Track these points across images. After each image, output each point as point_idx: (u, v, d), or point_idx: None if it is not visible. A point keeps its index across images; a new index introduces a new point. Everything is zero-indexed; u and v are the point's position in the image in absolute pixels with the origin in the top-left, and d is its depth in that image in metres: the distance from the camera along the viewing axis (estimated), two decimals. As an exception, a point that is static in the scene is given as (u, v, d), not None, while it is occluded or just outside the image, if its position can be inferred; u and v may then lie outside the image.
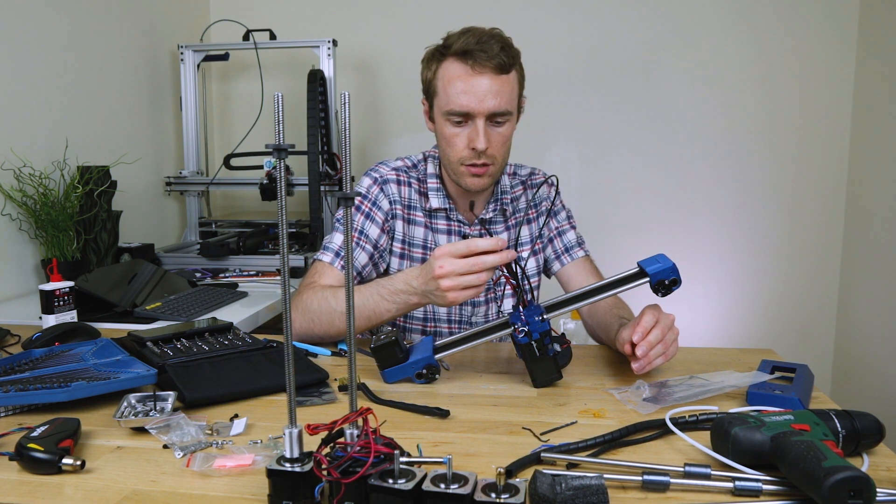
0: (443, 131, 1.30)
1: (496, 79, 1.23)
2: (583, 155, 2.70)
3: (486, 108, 1.24)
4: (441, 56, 1.28)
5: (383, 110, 2.77)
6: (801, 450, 0.69)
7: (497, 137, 1.28)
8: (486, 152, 1.26)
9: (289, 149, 0.67)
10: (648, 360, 1.02)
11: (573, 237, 1.47)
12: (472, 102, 1.23)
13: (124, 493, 0.72)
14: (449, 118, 1.27)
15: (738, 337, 2.68)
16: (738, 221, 2.65)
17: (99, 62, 2.12)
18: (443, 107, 1.27)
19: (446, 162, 1.34)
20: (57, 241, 1.75)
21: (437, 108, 1.30)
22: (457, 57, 1.24)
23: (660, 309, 1.08)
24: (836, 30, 2.50)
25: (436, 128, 1.33)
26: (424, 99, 1.35)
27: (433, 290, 1.08)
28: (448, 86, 1.25)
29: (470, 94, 1.23)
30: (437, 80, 1.28)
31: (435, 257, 1.06)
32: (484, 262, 1.03)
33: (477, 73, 1.23)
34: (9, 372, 1.02)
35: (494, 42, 1.23)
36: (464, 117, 1.26)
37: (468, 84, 1.23)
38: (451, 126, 1.28)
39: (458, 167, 1.30)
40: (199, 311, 1.56)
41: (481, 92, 1.23)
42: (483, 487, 0.63)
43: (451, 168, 1.33)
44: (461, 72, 1.24)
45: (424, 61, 1.32)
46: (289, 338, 0.68)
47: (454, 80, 1.24)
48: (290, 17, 2.74)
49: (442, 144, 1.32)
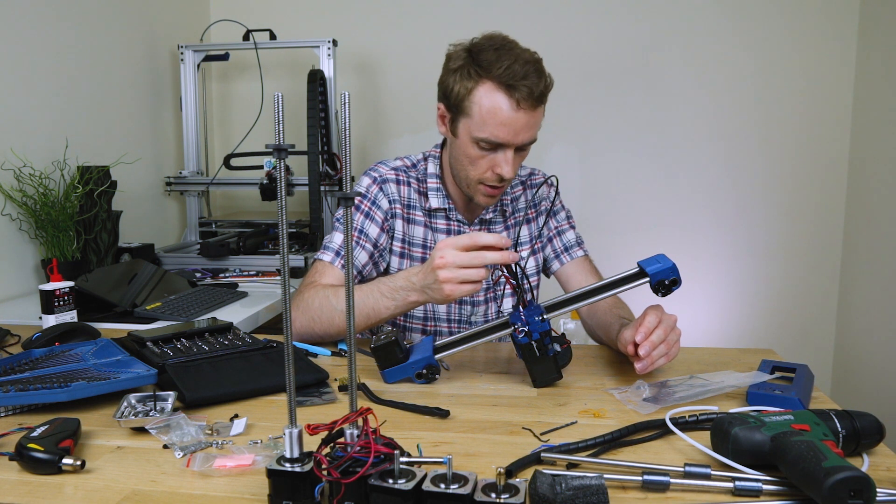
0: (467, 151, 1.27)
1: (533, 113, 1.22)
2: (583, 155, 2.70)
3: (520, 141, 1.24)
4: (478, 76, 1.22)
5: (383, 110, 2.77)
6: (801, 450, 0.69)
7: (518, 162, 1.28)
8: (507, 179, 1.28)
9: (289, 149, 0.67)
10: (651, 361, 1.02)
11: (572, 237, 1.47)
12: (507, 136, 1.22)
13: (124, 493, 0.72)
14: (478, 142, 1.25)
15: (738, 337, 2.68)
16: (739, 221, 2.65)
17: (99, 62, 2.12)
18: (474, 131, 1.24)
19: (462, 176, 1.32)
20: (57, 241, 1.75)
21: (466, 128, 1.26)
22: (498, 86, 1.20)
23: (662, 309, 1.08)
24: (836, 30, 2.50)
25: (457, 143, 1.30)
26: (444, 106, 1.30)
27: (431, 283, 1.08)
28: (486, 115, 1.22)
29: (508, 127, 1.21)
30: (473, 103, 1.23)
31: (437, 248, 1.06)
32: (484, 258, 1.03)
33: (519, 108, 1.20)
34: (9, 372, 1.02)
35: (536, 75, 1.20)
36: (494, 146, 1.25)
37: (508, 118, 1.21)
38: (477, 149, 1.26)
39: (476, 185, 1.30)
40: (199, 311, 1.56)
41: (519, 126, 1.22)
42: (483, 487, 0.63)
43: (465, 182, 1.32)
44: (502, 105, 1.20)
45: (454, 73, 1.25)
46: (289, 338, 0.68)
47: (494, 112, 1.21)
48: (290, 17, 2.74)
49: (462, 161, 1.30)
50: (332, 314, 1.22)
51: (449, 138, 1.34)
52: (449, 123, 1.31)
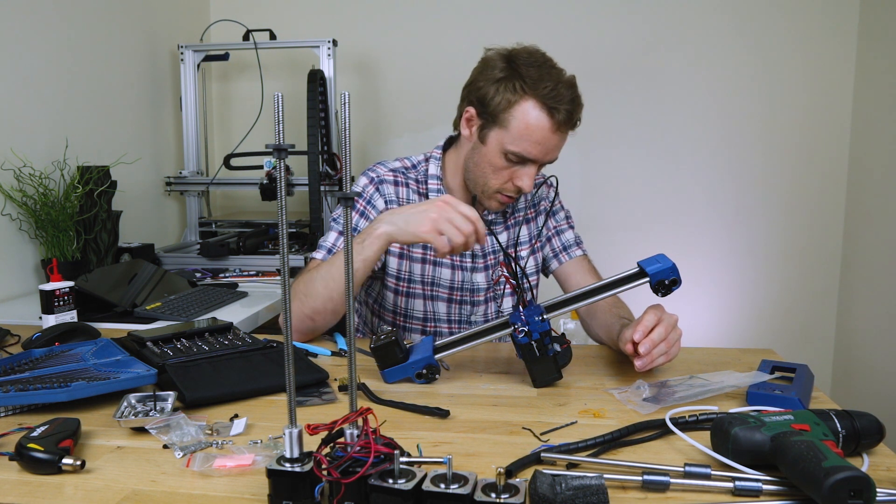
0: (493, 160, 1.29)
1: (565, 135, 1.27)
2: (583, 154, 2.70)
3: (547, 160, 1.29)
4: (523, 91, 1.23)
5: (383, 110, 2.77)
6: (801, 450, 0.69)
7: (535, 174, 1.30)
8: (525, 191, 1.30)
9: (289, 149, 0.67)
10: (651, 358, 1.02)
11: (571, 236, 1.47)
12: (539, 154, 1.26)
13: (124, 493, 0.72)
14: (506, 154, 1.27)
15: (738, 337, 2.68)
16: (739, 221, 2.65)
17: (99, 62, 2.12)
18: (507, 144, 1.25)
19: (481, 182, 1.32)
20: (57, 241, 1.75)
21: (498, 139, 1.27)
22: (542, 106, 1.22)
23: (663, 309, 1.09)
24: (836, 30, 2.50)
25: (483, 150, 1.30)
26: (475, 111, 1.30)
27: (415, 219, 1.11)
28: (525, 131, 1.24)
29: (541, 146, 1.25)
30: (513, 117, 1.24)
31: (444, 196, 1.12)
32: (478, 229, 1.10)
33: (556, 131, 1.24)
34: (9, 372, 1.02)
35: (576, 101, 1.25)
36: (522, 160, 1.27)
37: (545, 137, 1.24)
38: (504, 160, 1.28)
39: (493, 193, 1.32)
40: (199, 311, 1.56)
41: (551, 146, 1.26)
42: (483, 487, 0.63)
43: (482, 189, 1.33)
44: (545, 125, 1.23)
45: (496, 82, 1.25)
46: (289, 338, 0.68)
47: (534, 130, 1.23)
48: (290, 17, 2.74)
49: (485, 168, 1.30)
50: (315, 286, 1.20)
51: (472, 143, 1.33)
52: (478, 129, 1.31)
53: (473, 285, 1.42)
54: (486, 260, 1.43)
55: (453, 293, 1.42)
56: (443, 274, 1.41)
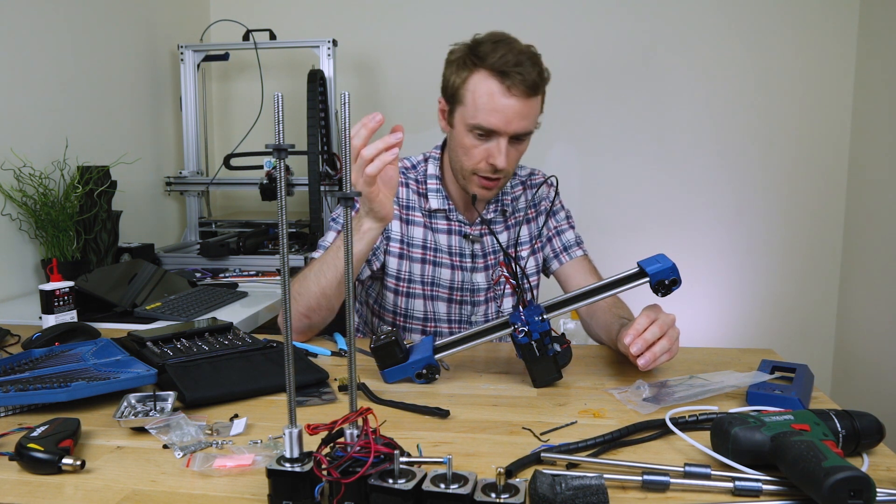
0: (462, 140, 1.30)
1: (526, 101, 1.24)
2: (583, 155, 2.70)
3: (512, 130, 1.25)
4: (473, 65, 1.25)
5: (383, 110, 2.74)
6: (801, 450, 0.69)
7: (514, 154, 1.29)
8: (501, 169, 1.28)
9: (289, 149, 0.67)
10: (654, 356, 1.02)
11: (572, 236, 1.47)
12: (500, 123, 1.24)
13: (124, 493, 0.72)
14: (472, 130, 1.27)
15: (738, 337, 2.68)
16: (738, 221, 2.65)
17: (99, 62, 2.12)
18: (468, 119, 1.27)
19: (458, 167, 1.34)
20: (57, 241, 1.75)
21: (461, 116, 1.29)
22: (492, 72, 1.23)
23: (659, 309, 1.08)
24: (836, 30, 2.50)
25: (453, 133, 1.33)
26: (443, 99, 1.34)
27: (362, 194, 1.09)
28: (478, 100, 1.24)
29: (500, 113, 1.23)
30: (467, 90, 1.26)
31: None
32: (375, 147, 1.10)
33: (510, 94, 1.22)
34: (9, 372, 1.02)
35: (531, 64, 1.23)
36: (487, 133, 1.26)
37: (499, 104, 1.23)
38: (472, 138, 1.28)
39: (470, 176, 1.32)
40: (199, 311, 1.56)
41: (511, 113, 1.23)
42: (483, 487, 0.63)
43: (461, 174, 1.34)
44: (494, 90, 1.23)
45: (452, 64, 1.29)
46: (289, 338, 0.68)
47: (486, 97, 1.23)
48: (290, 17, 2.74)
49: (458, 151, 1.32)
50: (308, 284, 1.21)
51: (447, 131, 1.36)
52: (447, 116, 1.33)
53: (474, 285, 1.42)
54: (486, 260, 1.43)
55: (453, 293, 1.42)
56: (442, 274, 1.41)
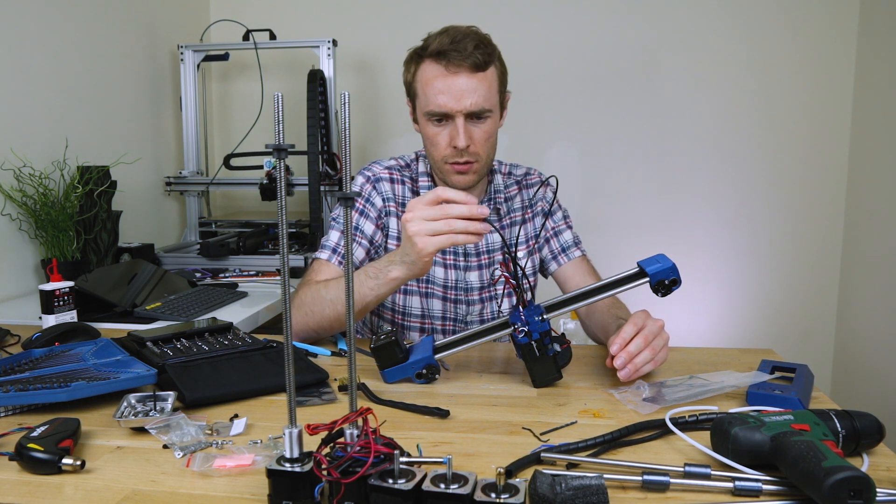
0: (425, 131, 1.33)
1: (473, 77, 1.25)
2: (583, 155, 2.70)
3: (464, 107, 1.26)
4: (419, 58, 1.31)
5: (383, 110, 2.77)
6: (801, 450, 0.69)
7: (479, 134, 1.30)
8: (468, 150, 1.29)
9: (289, 149, 0.67)
10: (635, 367, 1.01)
11: (570, 237, 1.47)
12: (449, 102, 1.26)
13: (124, 493, 0.72)
14: (430, 119, 1.30)
15: (738, 337, 2.68)
16: (739, 221, 2.64)
17: (99, 62, 2.12)
18: (423, 108, 1.30)
19: (432, 161, 1.37)
20: (57, 241, 1.75)
21: (419, 109, 1.33)
22: (433, 58, 1.27)
23: (647, 315, 1.07)
24: (836, 30, 2.50)
25: (419, 127, 1.36)
26: (409, 101, 1.38)
27: (408, 248, 1.07)
28: (426, 87, 1.28)
29: (447, 93, 1.25)
30: (416, 81, 1.31)
31: (406, 209, 1.07)
32: (449, 210, 1.02)
33: (452, 73, 1.25)
34: (9, 372, 1.02)
35: (469, 41, 1.25)
36: (444, 117, 1.28)
37: (445, 84, 1.26)
38: (432, 126, 1.31)
39: (443, 165, 1.33)
40: (199, 311, 1.56)
41: (458, 91, 1.25)
42: (483, 487, 0.63)
43: (437, 167, 1.36)
44: (437, 72, 1.26)
45: (405, 64, 1.35)
46: (289, 338, 0.68)
47: (431, 81, 1.27)
48: (290, 17, 2.74)
49: (426, 144, 1.35)
50: (322, 306, 1.22)
51: (418, 130, 1.39)
52: (413, 114, 1.38)
53: (467, 284, 1.42)
54: (479, 259, 1.43)
55: (447, 291, 1.42)
56: (436, 272, 1.41)
